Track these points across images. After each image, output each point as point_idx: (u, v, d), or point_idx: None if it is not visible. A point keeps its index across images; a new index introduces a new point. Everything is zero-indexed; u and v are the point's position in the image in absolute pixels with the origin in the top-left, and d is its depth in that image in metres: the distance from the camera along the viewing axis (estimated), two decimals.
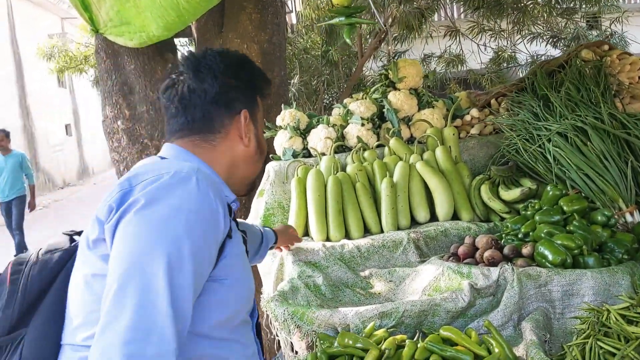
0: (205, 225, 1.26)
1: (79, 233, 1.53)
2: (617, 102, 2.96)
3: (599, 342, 1.65)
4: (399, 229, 2.77)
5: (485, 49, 6.92)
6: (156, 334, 1.13)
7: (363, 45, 7.19)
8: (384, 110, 3.19)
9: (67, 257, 1.45)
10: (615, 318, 1.67)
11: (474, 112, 3.20)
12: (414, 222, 2.84)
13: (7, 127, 17.90)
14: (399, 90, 3.25)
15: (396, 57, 8.33)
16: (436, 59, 7.79)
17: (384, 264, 2.58)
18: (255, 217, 3.06)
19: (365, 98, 3.31)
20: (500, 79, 6.91)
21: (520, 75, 6.81)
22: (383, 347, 1.81)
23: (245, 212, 3.39)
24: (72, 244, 1.49)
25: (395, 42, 7.57)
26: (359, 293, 2.41)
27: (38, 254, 1.46)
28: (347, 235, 2.76)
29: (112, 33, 3.51)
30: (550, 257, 2.08)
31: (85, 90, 23.56)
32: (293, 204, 2.84)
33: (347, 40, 2.16)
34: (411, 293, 2.31)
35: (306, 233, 2.83)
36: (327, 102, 8.30)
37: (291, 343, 2.13)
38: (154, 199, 1.24)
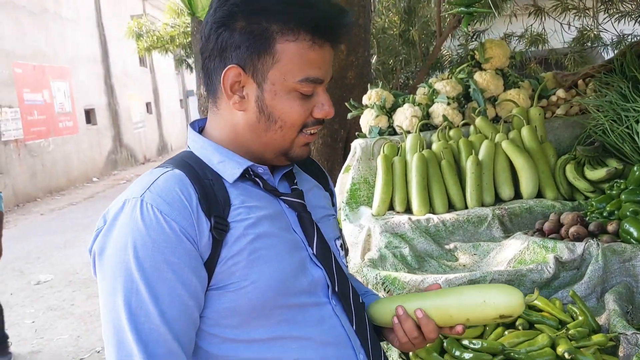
0: (159, 254, 1.09)
1: None
2: None
3: None
4: (483, 205, 2.87)
5: (569, 28, 6.74)
6: None
7: (442, 25, 7.17)
8: (470, 90, 3.26)
9: None
10: None
11: (560, 92, 3.22)
12: (498, 200, 2.92)
13: (94, 105, 18.80)
14: (485, 70, 3.31)
15: (475, 37, 8.26)
16: (517, 38, 7.65)
17: (469, 239, 2.69)
18: (341, 191, 3.23)
19: (451, 78, 3.39)
20: (583, 59, 6.73)
21: (605, 56, 6.63)
22: None
23: None
24: None
25: (475, 22, 7.49)
26: (444, 264, 2.54)
27: None
28: (432, 211, 2.88)
29: None
30: (635, 233, 2.14)
31: (164, 69, 24.47)
32: (379, 180, 2.98)
33: (464, 29, 2.19)
34: (495, 265, 2.42)
35: (391, 207, 2.97)
36: (403, 80, 8.32)
37: None
38: (103, 248, 1.13)
